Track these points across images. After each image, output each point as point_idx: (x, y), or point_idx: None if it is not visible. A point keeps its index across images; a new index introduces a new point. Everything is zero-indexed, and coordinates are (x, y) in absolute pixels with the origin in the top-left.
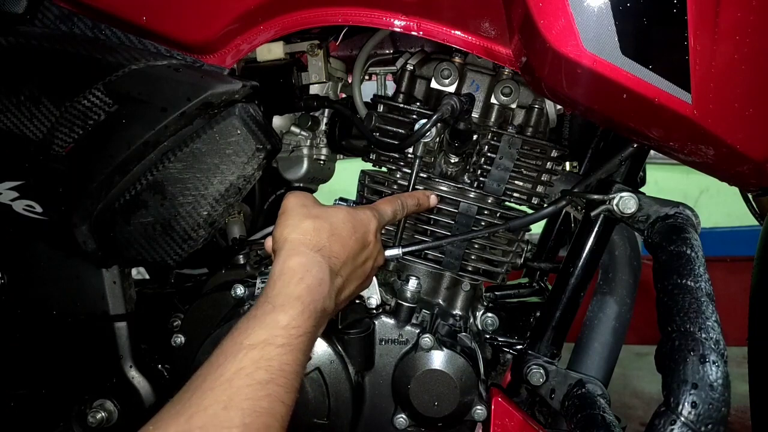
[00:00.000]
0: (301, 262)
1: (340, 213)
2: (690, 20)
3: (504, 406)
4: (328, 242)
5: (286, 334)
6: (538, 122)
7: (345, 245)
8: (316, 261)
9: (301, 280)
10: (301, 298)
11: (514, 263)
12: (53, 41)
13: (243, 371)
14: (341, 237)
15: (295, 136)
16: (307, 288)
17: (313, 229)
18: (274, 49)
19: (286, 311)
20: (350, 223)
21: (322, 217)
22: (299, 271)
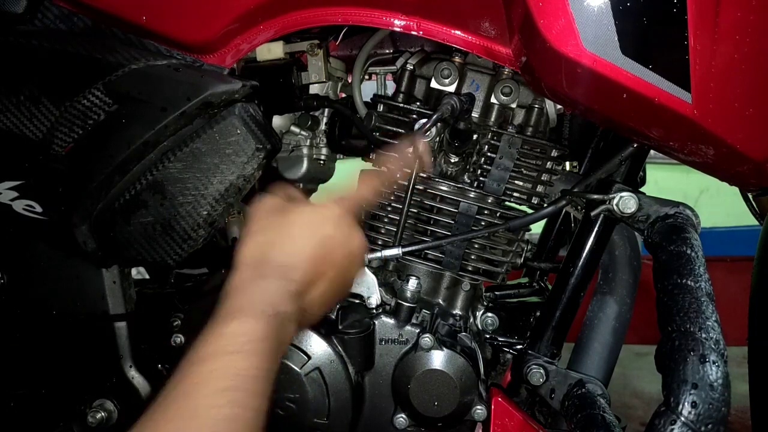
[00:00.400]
0: (243, 278)
1: (298, 217)
2: (690, 20)
3: (504, 406)
4: (277, 253)
5: (234, 342)
6: (538, 122)
7: (297, 251)
8: (260, 273)
9: (243, 293)
10: (242, 309)
11: (514, 263)
12: (53, 41)
13: (200, 384)
14: (293, 244)
15: (295, 136)
16: (248, 298)
17: (262, 242)
18: (274, 49)
19: (228, 322)
20: (306, 226)
21: (273, 228)
22: (241, 285)
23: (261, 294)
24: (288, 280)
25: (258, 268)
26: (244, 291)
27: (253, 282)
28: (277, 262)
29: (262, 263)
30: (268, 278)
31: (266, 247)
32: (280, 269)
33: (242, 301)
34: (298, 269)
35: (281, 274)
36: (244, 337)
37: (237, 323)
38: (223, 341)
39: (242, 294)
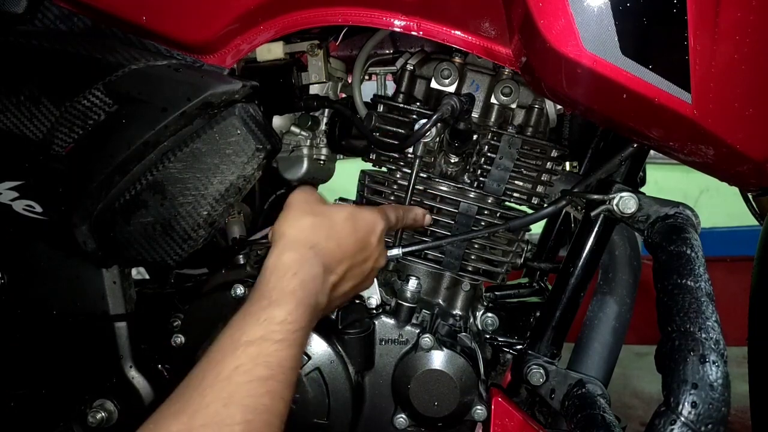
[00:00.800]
0: (294, 258)
1: (342, 212)
2: (690, 20)
3: (504, 406)
4: (324, 240)
5: (282, 330)
6: (538, 122)
7: (341, 244)
8: (308, 257)
9: (294, 276)
10: (295, 292)
11: (514, 263)
12: (53, 41)
13: (242, 368)
14: (339, 236)
15: (295, 136)
16: (300, 283)
17: (311, 226)
18: (274, 49)
19: (282, 306)
20: (351, 223)
21: (322, 215)
22: (292, 266)
23: (312, 281)
24: (332, 272)
25: (307, 251)
26: (295, 274)
27: (303, 266)
28: (325, 250)
29: (310, 248)
30: (316, 266)
31: (316, 233)
32: (327, 259)
33: (295, 285)
34: (342, 263)
35: (327, 264)
36: (293, 325)
37: (289, 309)
38: (273, 327)
39: (294, 276)
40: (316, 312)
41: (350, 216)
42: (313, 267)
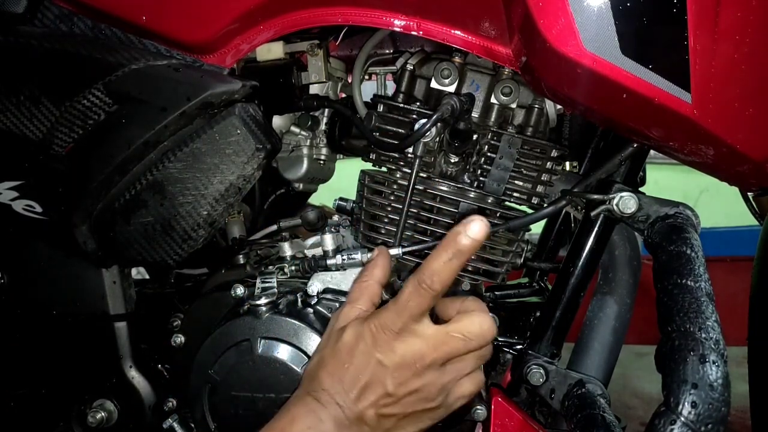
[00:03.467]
0: (296, 394)
1: (352, 341)
2: (690, 20)
3: (504, 406)
4: (321, 384)
5: None
6: (538, 122)
7: (336, 375)
8: (305, 394)
9: (288, 412)
10: (284, 430)
11: (514, 263)
12: (53, 41)
13: None
14: (335, 369)
15: (295, 136)
16: (291, 420)
17: (315, 361)
18: (274, 49)
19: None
20: (359, 351)
21: (328, 346)
22: (290, 403)
23: (306, 415)
24: (334, 406)
25: (309, 385)
26: (290, 410)
27: (304, 398)
28: (324, 383)
29: (313, 379)
30: (318, 398)
31: (311, 380)
32: (326, 392)
33: (284, 423)
34: (346, 397)
35: (328, 398)
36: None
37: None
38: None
39: (285, 413)
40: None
41: (333, 338)
42: (311, 402)
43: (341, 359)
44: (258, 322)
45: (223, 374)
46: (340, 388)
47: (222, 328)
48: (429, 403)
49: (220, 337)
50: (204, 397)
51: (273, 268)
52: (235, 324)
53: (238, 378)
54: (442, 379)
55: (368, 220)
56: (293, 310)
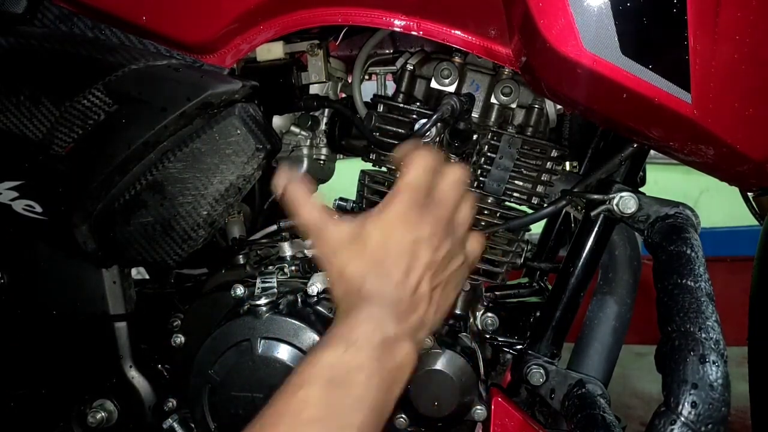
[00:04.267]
0: (345, 310)
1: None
2: (690, 20)
3: (504, 406)
4: (370, 281)
5: (330, 371)
6: (538, 122)
7: (387, 271)
8: (359, 302)
9: (346, 322)
10: (343, 336)
11: (514, 263)
12: (53, 41)
13: (290, 413)
14: (381, 266)
15: (295, 136)
16: (351, 326)
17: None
18: (274, 49)
19: (327, 350)
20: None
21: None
22: (343, 316)
23: (365, 321)
24: (391, 302)
25: (356, 299)
26: (344, 321)
27: (356, 309)
28: (374, 290)
29: (358, 294)
30: (370, 305)
31: (357, 279)
32: (378, 296)
33: (344, 330)
34: (397, 288)
35: (381, 299)
36: (341, 367)
37: (335, 351)
38: (319, 369)
39: (343, 323)
40: (391, 345)
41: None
42: (369, 306)
43: (376, 258)
44: (258, 322)
45: (223, 374)
46: (388, 281)
47: (222, 328)
48: (458, 258)
49: (220, 337)
50: (204, 397)
51: (273, 268)
52: (235, 324)
53: (238, 378)
54: (457, 231)
55: None
56: (293, 310)
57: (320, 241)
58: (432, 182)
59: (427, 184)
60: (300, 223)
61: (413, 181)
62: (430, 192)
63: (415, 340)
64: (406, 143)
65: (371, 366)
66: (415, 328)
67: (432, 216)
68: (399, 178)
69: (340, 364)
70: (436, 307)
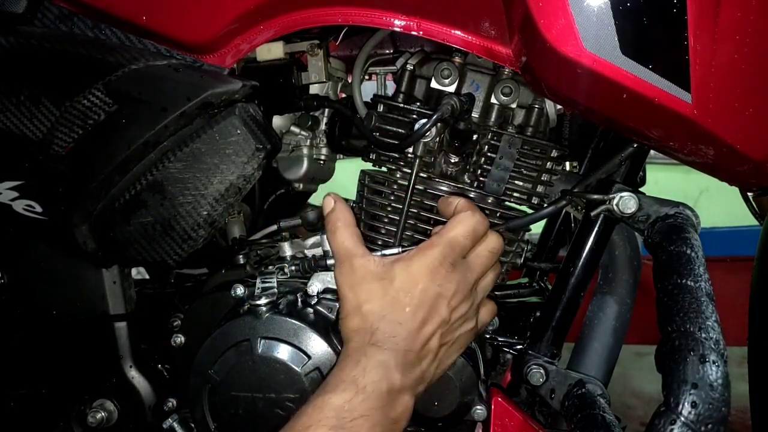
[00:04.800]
0: (356, 348)
1: (399, 279)
2: (690, 20)
3: (504, 406)
4: (386, 322)
5: (336, 416)
6: (538, 122)
7: (405, 318)
8: (369, 345)
9: (357, 364)
10: (352, 381)
11: (514, 263)
12: (53, 41)
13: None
14: (400, 311)
15: (295, 136)
16: (360, 370)
17: (365, 315)
18: (274, 49)
19: (339, 393)
20: (409, 287)
21: (376, 296)
22: (353, 355)
23: (375, 367)
24: (401, 351)
25: (368, 339)
26: (356, 362)
27: (367, 353)
28: (387, 334)
29: (372, 335)
30: (381, 350)
31: (373, 318)
32: (390, 341)
33: (353, 373)
34: (409, 338)
35: (392, 345)
36: (348, 414)
37: (343, 396)
38: (326, 413)
39: (354, 365)
40: (396, 394)
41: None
42: (378, 352)
43: (397, 302)
44: (258, 322)
45: (223, 374)
46: (402, 329)
47: (222, 328)
48: (470, 322)
49: (220, 337)
50: (204, 397)
51: (273, 268)
52: (235, 324)
53: (238, 378)
54: (476, 297)
55: (368, 220)
56: (293, 310)
57: (345, 270)
58: (471, 246)
59: (467, 247)
60: (333, 247)
61: (454, 240)
62: (465, 253)
63: (414, 392)
64: (461, 199)
65: (375, 416)
66: (417, 381)
67: (460, 276)
68: (442, 230)
69: (348, 411)
70: (438, 364)
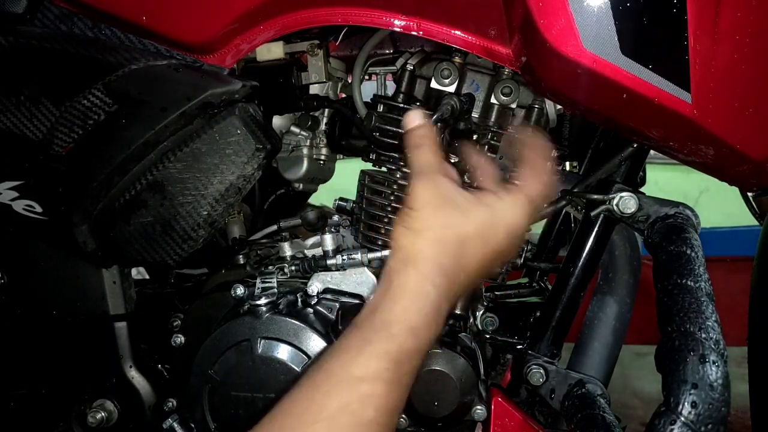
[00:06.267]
0: (419, 281)
1: (477, 216)
2: (690, 20)
3: (504, 406)
4: (462, 256)
5: (397, 370)
6: (538, 122)
7: (477, 263)
8: (435, 282)
9: (420, 310)
10: (417, 331)
11: (514, 263)
12: (53, 41)
13: (348, 408)
14: (476, 255)
15: (295, 136)
16: (425, 319)
17: (447, 235)
18: (274, 49)
19: (401, 344)
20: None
21: (464, 223)
22: (416, 293)
23: (433, 313)
24: (457, 293)
25: (433, 271)
26: (422, 307)
27: (428, 296)
28: (459, 265)
29: (438, 266)
30: (440, 294)
31: (455, 245)
32: (459, 276)
33: (416, 320)
34: (472, 281)
35: (458, 280)
36: (407, 366)
37: (405, 348)
38: (388, 365)
39: (419, 311)
40: (430, 343)
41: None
42: (439, 297)
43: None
44: (258, 322)
45: (223, 374)
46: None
47: (222, 328)
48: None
49: (220, 337)
50: (204, 397)
51: (273, 268)
52: (235, 324)
53: (238, 378)
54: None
55: (368, 220)
56: (293, 311)
57: (428, 185)
58: None
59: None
60: (415, 161)
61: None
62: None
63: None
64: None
65: (419, 367)
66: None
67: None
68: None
69: (405, 363)
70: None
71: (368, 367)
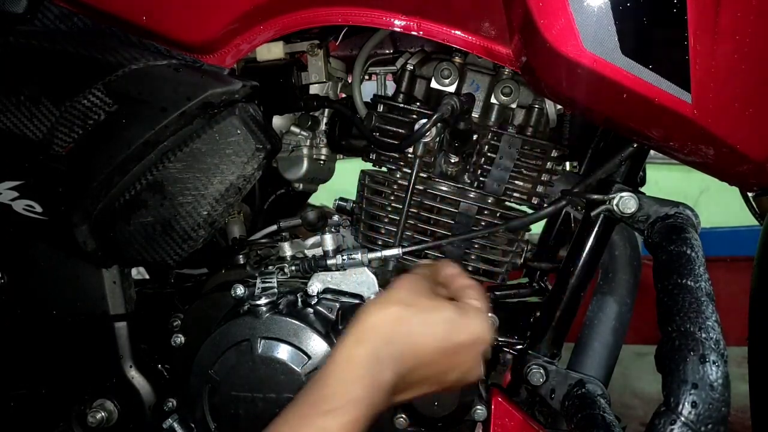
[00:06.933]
0: (365, 357)
1: (443, 312)
2: (690, 20)
3: (504, 406)
4: (405, 337)
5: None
6: (538, 122)
7: (424, 349)
8: (381, 357)
9: (361, 381)
10: (357, 402)
11: (514, 263)
12: (53, 41)
13: None
14: (425, 338)
15: (295, 136)
16: (365, 391)
17: (396, 318)
18: (274, 49)
19: (338, 417)
20: (447, 327)
21: (415, 307)
22: (360, 368)
23: (377, 390)
24: (402, 378)
25: (381, 348)
26: (362, 378)
27: (372, 368)
28: (403, 352)
29: (386, 344)
30: (386, 371)
31: (398, 327)
32: (400, 364)
33: (358, 393)
34: (417, 371)
35: (399, 370)
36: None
37: (344, 421)
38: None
39: (360, 382)
40: (372, 418)
41: (450, 320)
42: (383, 372)
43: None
44: (258, 322)
45: (223, 374)
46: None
47: (222, 328)
48: (443, 380)
49: (220, 337)
50: (204, 397)
51: (273, 268)
52: (235, 324)
53: (238, 378)
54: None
55: (368, 220)
56: (293, 310)
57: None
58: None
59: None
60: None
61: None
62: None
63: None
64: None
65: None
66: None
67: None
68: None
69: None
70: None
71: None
